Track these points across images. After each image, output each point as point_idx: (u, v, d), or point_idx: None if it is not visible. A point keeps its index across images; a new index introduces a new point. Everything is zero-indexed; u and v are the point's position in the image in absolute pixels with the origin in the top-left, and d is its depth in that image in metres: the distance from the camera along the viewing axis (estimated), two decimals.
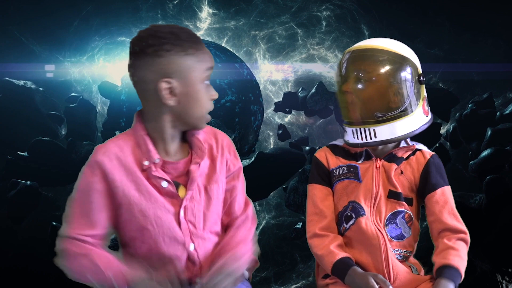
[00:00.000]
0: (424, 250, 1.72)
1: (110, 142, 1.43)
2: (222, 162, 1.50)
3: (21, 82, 8.48)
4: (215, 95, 1.45)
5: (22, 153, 7.50)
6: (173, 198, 1.43)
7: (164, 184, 1.41)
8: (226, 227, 1.56)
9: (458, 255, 1.58)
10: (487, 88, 8.53)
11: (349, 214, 1.67)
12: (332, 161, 1.73)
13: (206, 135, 1.51)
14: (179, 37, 1.38)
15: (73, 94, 9.30)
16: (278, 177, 8.43)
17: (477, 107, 7.99)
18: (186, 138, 1.49)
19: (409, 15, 9.28)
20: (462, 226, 1.64)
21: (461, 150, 8.23)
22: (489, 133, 7.61)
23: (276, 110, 9.80)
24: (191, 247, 1.43)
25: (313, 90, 9.41)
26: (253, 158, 8.10)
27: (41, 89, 8.75)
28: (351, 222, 1.66)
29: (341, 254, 1.62)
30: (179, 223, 1.43)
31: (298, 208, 8.02)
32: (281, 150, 8.81)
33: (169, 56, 1.36)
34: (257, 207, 8.95)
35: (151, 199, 1.41)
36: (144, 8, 9.83)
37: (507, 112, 7.89)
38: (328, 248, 1.63)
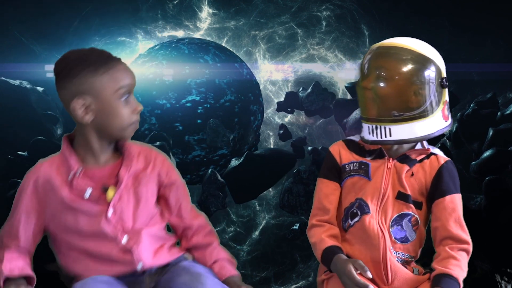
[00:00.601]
0: (422, 252, 1.71)
1: (39, 164, 1.61)
2: (154, 170, 1.65)
3: (17, 82, 8.47)
4: (138, 107, 1.57)
5: (22, 153, 7.50)
6: (99, 202, 1.56)
7: (87, 194, 1.55)
8: (182, 230, 1.74)
9: (459, 265, 1.57)
10: (487, 88, 8.53)
11: (354, 211, 1.66)
12: (345, 156, 1.73)
13: (141, 148, 1.67)
14: (88, 58, 1.52)
15: None
16: (267, 178, 8.39)
17: (479, 107, 7.96)
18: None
19: (409, 15, 9.27)
20: (466, 236, 1.62)
21: (462, 150, 8.21)
22: (490, 133, 7.57)
23: (278, 110, 9.80)
24: (123, 241, 1.57)
25: (309, 90, 9.39)
26: (241, 159, 8.06)
27: (40, 89, 8.75)
28: (355, 219, 1.66)
29: (330, 243, 1.63)
30: (108, 223, 1.56)
31: (293, 210, 7.96)
32: (270, 151, 8.76)
33: (80, 77, 1.50)
34: (257, 207, 8.94)
35: (76, 209, 1.55)
36: (144, 8, 9.83)
37: (507, 112, 7.87)
38: (320, 236, 1.65)
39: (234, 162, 8.02)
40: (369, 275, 1.52)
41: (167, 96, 8.30)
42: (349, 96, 9.36)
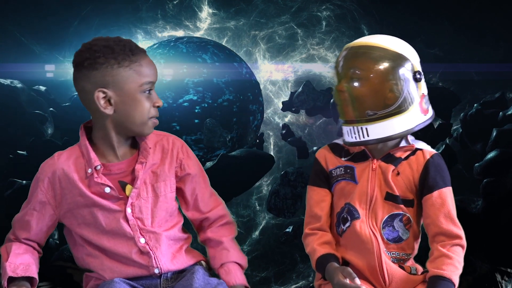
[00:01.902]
0: (420, 249, 1.70)
1: (56, 156, 1.59)
2: (171, 163, 1.62)
3: (7, 81, 8.47)
4: (158, 102, 1.55)
5: (21, 152, 7.51)
6: (118, 199, 1.55)
7: (107, 190, 1.54)
8: (199, 223, 1.72)
9: (452, 263, 1.55)
10: (487, 88, 8.52)
11: (345, 216, 1.65)
12: (331, 161, 1.71)
13: (158, 137, 1.64)
14: (113, 50, 1.49)
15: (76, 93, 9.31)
16: (243, 180, 8.33)
17: (485, 107, 7.92)
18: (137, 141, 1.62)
19: (409, 15, 9.27)
20: (458, 230, 1.60)
21: (468, 151, 8.16)
22: (494, 134, 7.52)
23: (284, 109, 9.79)
24: (142, 241, 1.55)
25: (300, 90, 9.36)
26: (215, 161, 8.02)
27: (43, 88, 8.74)
28: (347, 225, 1.64)
29: (323, 251, 1.62)
30: (127, 220, 1.55)
31: (280, 212, 7.92)
32: (246, 152, 8.69)
33: (103, 68, 1.48)
34: (257, 207, 8.94)
35: (95, 204, 1.53)
36: (144, 8, 9.83)
37: (509, 112, 7.83)
38: (313, 246, 1.65)
39: (208, 164, 7.97)
40: (357, 281, 1.50)
41: (164, 95, 8.27)
42: None
